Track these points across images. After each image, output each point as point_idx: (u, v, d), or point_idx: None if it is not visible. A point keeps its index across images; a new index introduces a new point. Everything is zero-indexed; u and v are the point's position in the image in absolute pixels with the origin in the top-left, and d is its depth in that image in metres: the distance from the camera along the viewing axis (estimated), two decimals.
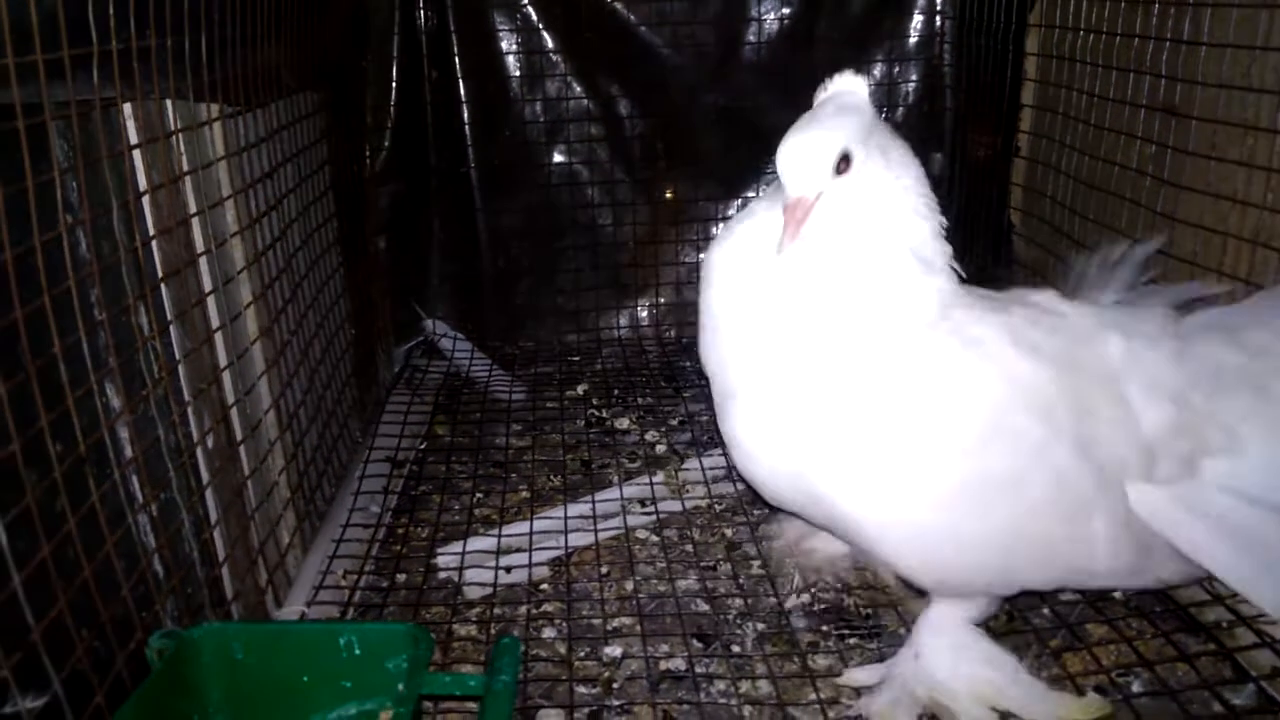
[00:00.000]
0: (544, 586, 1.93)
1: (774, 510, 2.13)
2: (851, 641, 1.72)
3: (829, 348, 1.34)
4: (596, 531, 2.08)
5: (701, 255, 3.23)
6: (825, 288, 1.34)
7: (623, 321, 3.30)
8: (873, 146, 1.34)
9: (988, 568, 1.44)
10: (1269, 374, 1.45)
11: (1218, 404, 1.44)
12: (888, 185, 1.36)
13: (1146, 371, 1.43)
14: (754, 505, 2.20)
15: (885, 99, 3.14)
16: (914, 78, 3.14)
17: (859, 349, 1.34)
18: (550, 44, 3.07)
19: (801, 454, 1.37)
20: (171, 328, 1.49)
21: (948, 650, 1.49)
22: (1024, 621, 1.74)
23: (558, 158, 3.17)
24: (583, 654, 1.72)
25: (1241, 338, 1.49)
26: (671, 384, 2.91)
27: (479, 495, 2.30)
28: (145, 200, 1.43)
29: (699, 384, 2.88)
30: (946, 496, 1.35)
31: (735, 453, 1.48)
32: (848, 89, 1.39)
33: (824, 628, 1.76)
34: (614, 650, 1.71)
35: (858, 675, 1.59)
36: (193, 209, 1.57)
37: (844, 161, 1.30)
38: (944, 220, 1.42)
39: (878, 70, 3.13)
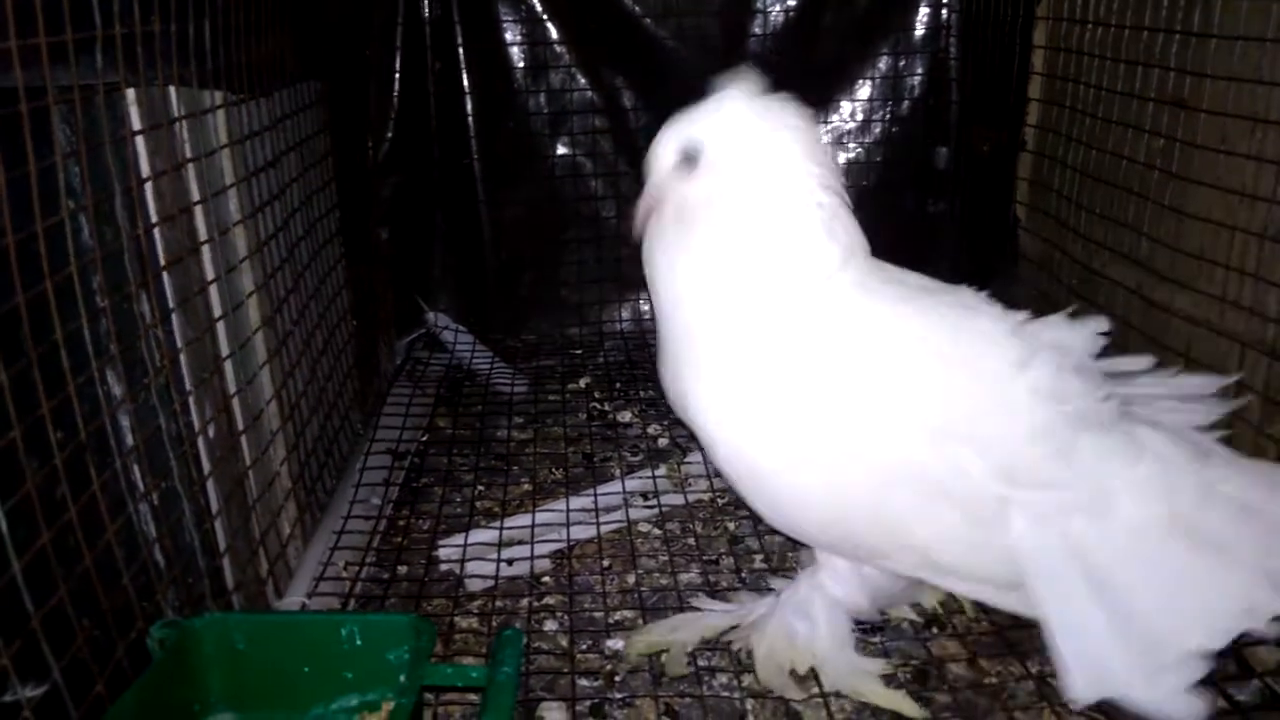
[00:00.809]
0: (546, 579, 1.93)
1: None
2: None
3: (712, 314, 1.43)
4: (598, 524, 2.08)
5: None
6: (708, 268, 1.42)
7: (625, 315, 3.28)
8: (741, 147, 1.38)
9: (813, 518, 1.47)
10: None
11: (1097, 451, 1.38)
12: (759, 185, 1.39)
13: (1040, 378, 1.38)
14: None
15: (891, 92, 3.13)
16: (920, 71, 3.12)
17: (736, 314, 1.41)
18: (554, 35, 3.05)
19: (686, 395, 1.48)
20: (173, 316, 1.48)
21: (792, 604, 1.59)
22: None
23: (561, 150, 3.16)
24: (584, 647, 1.71)
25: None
26: None
27: (480, 488, 2.29)
28: (148, 187, 1.42)
29: None
30: (783, 442, 1.40)
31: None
32: (731, 90, 1.42)
33: None
34: (616, 643, 1.70)
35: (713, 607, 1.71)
36: (195, 197, 1.56)
37: (689, 161, 1.39)
38: (839, 214, 1.44)
39: (883, 63, 3.12)
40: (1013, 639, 1.67)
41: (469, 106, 3.08)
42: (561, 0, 3.02)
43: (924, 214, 3.20)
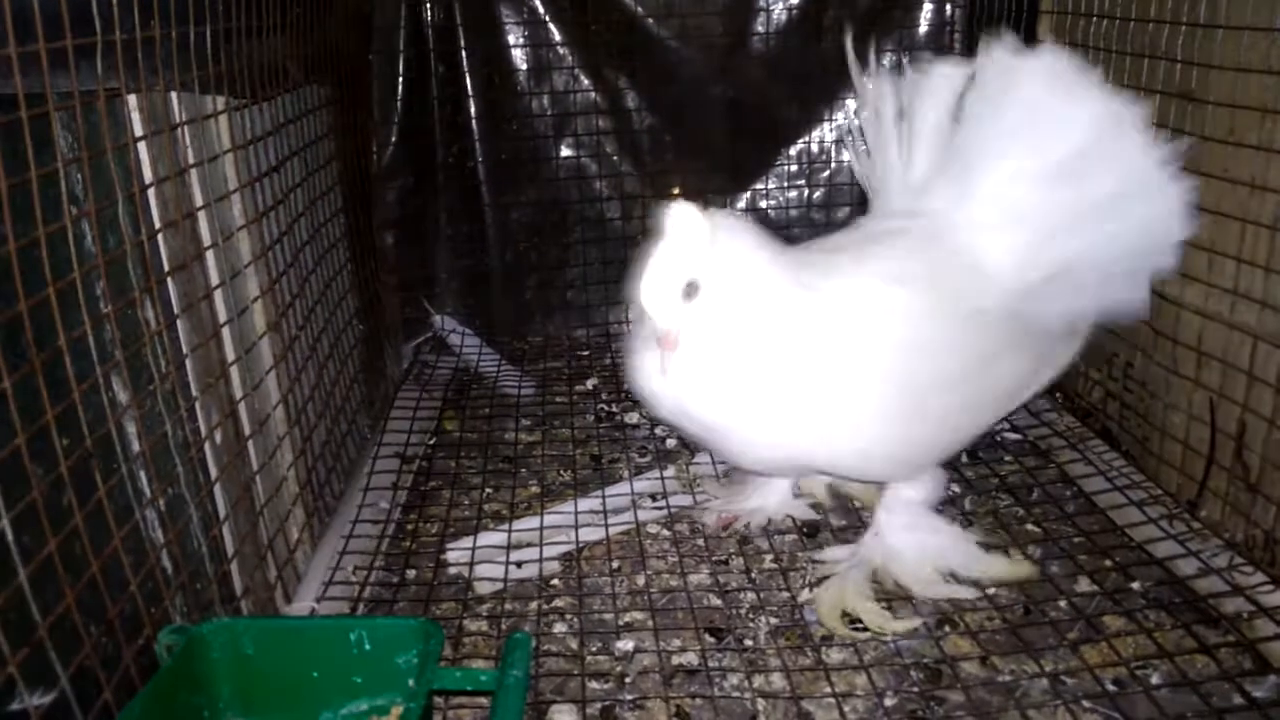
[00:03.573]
0: (555, 582, 1.92)
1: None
2: (864, 636, 1.70)
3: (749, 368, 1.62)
4: (607, 526, 2.07)
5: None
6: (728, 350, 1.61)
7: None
8: (719, 259, 1.57)
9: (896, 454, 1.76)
10: None
11: None
12: (745, 280, 1.60)
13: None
14: None
15: None
16: None
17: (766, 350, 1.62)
18: (557, 37, 3.05)
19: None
20: (178, 321, 1.47)
21: (900, 526, 1.85)
22: (1041, 614, 1.72)
23: (565, 151, 3.15)
24: (594, 649, 1.70)
25: None
26: None
27: (489, 490, 2.29)
28: (151, 193, 1.41)
29: None
30: (858, 411, 1.66)
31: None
32: (684, 218, 1.56)
33: None
34: (626, 645, 1.70)
35: (830, 553, 1.91)
36: (199, 202, 1.56)
37: (691, 288, 1.56)
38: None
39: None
40: (1026, 637, 1.66)
41: (472, 109, 3.07)
42: (564, 2, 3.02)
43: None
